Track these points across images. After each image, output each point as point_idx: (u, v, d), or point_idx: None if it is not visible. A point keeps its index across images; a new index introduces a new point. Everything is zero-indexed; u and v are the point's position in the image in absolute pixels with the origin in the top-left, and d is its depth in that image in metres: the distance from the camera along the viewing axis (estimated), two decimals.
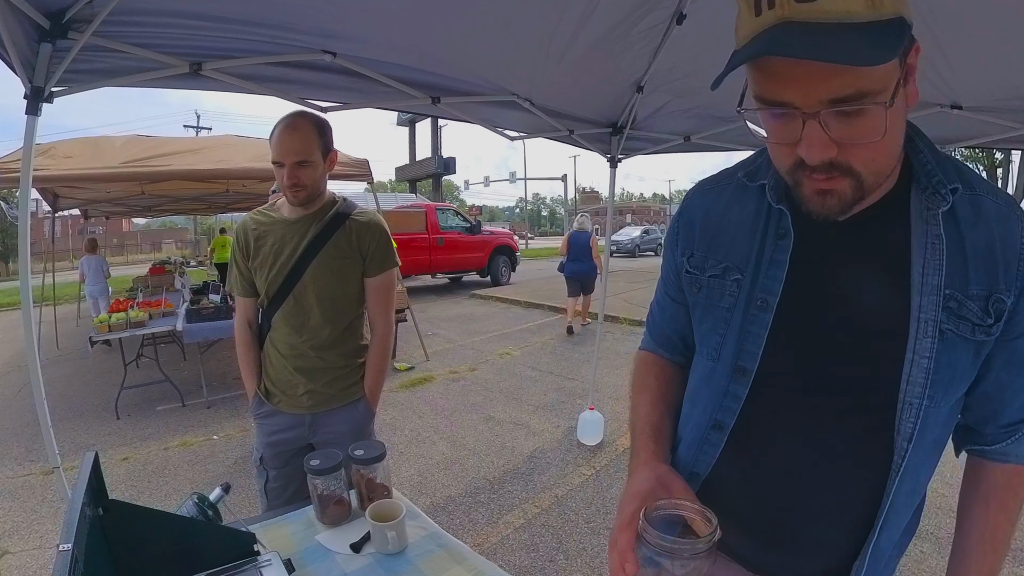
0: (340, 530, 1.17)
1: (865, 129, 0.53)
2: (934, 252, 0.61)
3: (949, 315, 0.61)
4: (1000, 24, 1.73)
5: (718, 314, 0.73)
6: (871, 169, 0.57)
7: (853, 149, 0.55)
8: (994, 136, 2.75)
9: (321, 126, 1.52)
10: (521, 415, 4.22)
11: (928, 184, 0.63)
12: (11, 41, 1.40)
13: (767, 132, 0.59)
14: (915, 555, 2.35)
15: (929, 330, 0.61)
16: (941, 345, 0.61)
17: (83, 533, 0.72)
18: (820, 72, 0.50)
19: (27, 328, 1.74)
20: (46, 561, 2.44)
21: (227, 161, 4.47)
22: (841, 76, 0.50)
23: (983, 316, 0.62)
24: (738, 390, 0.71)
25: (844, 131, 0.53)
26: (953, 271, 0.61)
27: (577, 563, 2.38)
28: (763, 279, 0.69)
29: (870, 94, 0.51)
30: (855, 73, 0.50)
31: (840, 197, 0.58)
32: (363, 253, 1.60)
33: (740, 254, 0.71)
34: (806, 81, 0.51)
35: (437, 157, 25.40)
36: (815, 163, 0.56)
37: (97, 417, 4.35)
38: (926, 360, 0.62)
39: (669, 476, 0.69)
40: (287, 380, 1.60)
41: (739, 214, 0.73)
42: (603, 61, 2.27)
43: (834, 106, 0.52)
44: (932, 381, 0.62)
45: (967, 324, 0.62)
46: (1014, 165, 9.14)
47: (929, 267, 0.62)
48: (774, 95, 0.54)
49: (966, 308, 0.61)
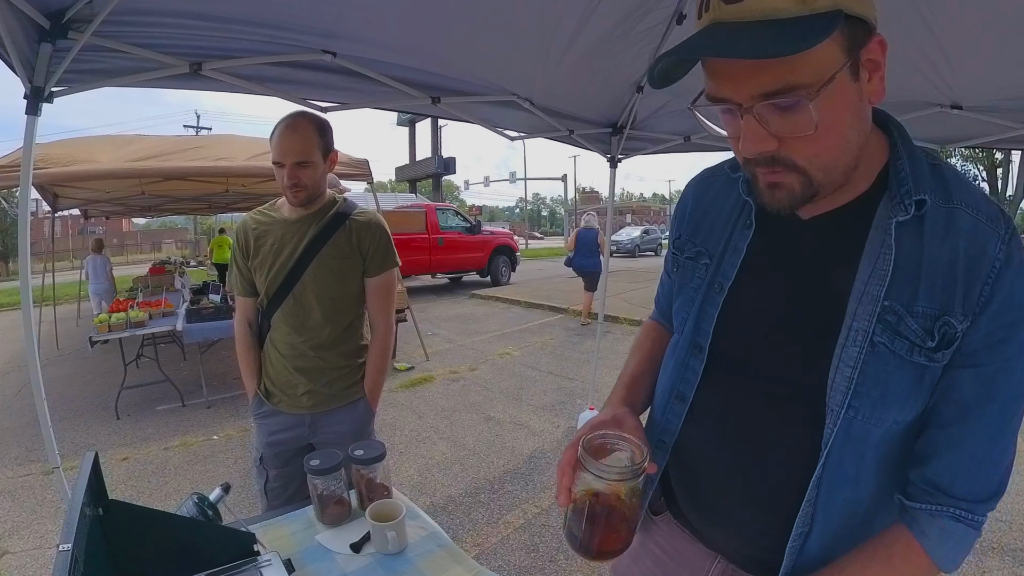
0: (340, 530, 1.17)
1: (798, 123, 0.53)
2: (882, 262, 0.59)
3: (885, 328, 0.59)
4: (1000, 24, 1.73)
5: (688, 293, 0.78)
6: (816, 165, 0.57)
7: (794, 143, 0.55)
8: (994, 136, 2.75)
9: (321, 126, 1.52)
10: (521, 415, 4.22)
11: (897, 192, 0.60)
12: (11, 41, 1.40)
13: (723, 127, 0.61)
14: None
15: (859, 339, 0.60)
16: (871, 357, 0.59)
17: (83, 533, 0.72)
18: (748, 68, 0.52)
19: (27, 328, 1.74)
20: (46, 561, 2.44)
21: (227, 160, 4.47)
22: (769, 71, 0.51)
23: (924, 337, 0.58)
24: (695, 364, 0.75)
25: (781, 125, 0.54)
26: (901, 284, 0.59)
27: (577, 563, 2.38)
28: (724, 265, 0.73)
29: (799, 87, 0.51)
30: (783, 67, 0.51)
31: (789, 191, 0.59)
32: (363, 253, 1.60)
33: (713, 241, 0.76)
34: (737, 78, 0.53)
35: (437, 157, 25.41)
36: (750, 156, 0.58)
37: (97, 417, 4.35)
38: (850, 369, 0.60)
39: (624, 415, 0.76)
40: (287, 380, 1.60)
41: (722, 204, 0.77)
42: (603, 61, 2.27)
43: (765, 100, 0.53)
44: (855, 392, 0.60)
45: (903, 342, 0.59)
46: (1014, 165, 9.14)
47: (874, 276, 0.60)
48: (715, 92, 0.57)
49: (905, 325, 0.58)
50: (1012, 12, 1.65)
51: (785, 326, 0.66)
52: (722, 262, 0.73)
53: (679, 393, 0.77)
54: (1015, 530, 2.52)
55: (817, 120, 0.53)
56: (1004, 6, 1.64)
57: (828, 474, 0.64)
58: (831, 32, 0.49)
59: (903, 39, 1.80)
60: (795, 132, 0.54)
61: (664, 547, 0.87)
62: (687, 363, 0.76)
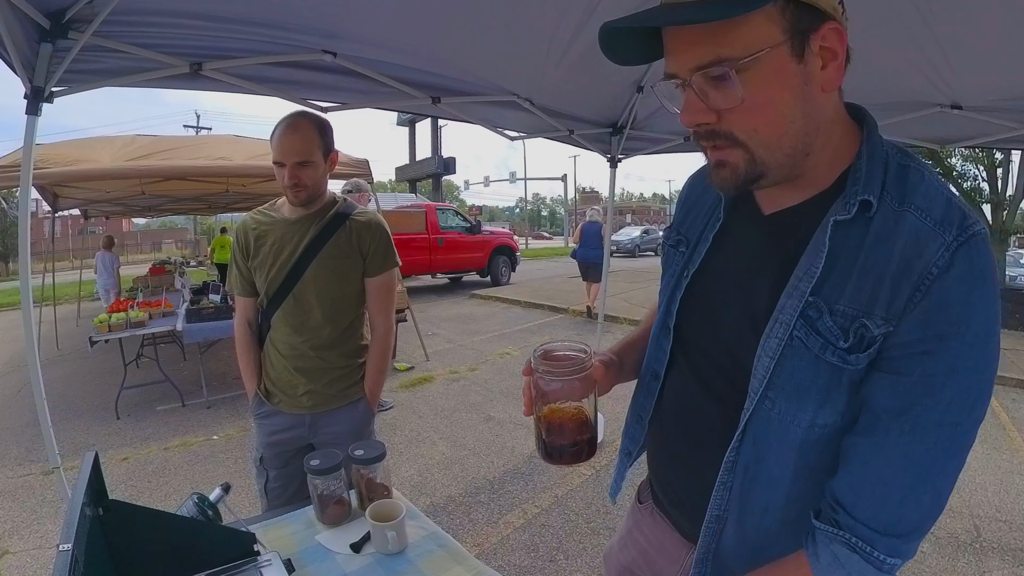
0: (340, 530, 1.17)
1: (728, 94, 0.56)
2: (815, 259, 0.59)
3: (805, 323, 0.59)
4: (1000, 24, 1.73)
5: (666, 278, 0.83)
6: (756, 140, 0.58)
7: (730, 117, 0.57)
8: (994, 136, 2.75)
9: (322, 126, 1.52)
10: (521, 415, 4.21)
11: (850, 190, 0.59)
12: (11, 41, 1.40)
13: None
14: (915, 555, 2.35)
15: (780, 332, 0.61)
16: (788, 350, 0.60)
17: (83, 533, 0.72)
18: (685, 43, 0.57)
19: (27, 328, 1.74)
20: (46, 561, 2.44)
21: (227, 160, 4.47)
22: (703, 43, 0.55)
23: (837, 336, 0.57)
24: (664, 344, 0.80)
25: (715, 98, 0.57)
26: (832, 282, 0.58)
27: (577, 563, 2.38)
28: (694, 253, 0.77)
29: (728, 59, 0.54)
30: (715, 40, 0.54)
31: (733, 169, 0.60)
32: (363, 253, 1.60)
33: (694, 231, 0.80)
34: (679, 52, 0.58)
35: (437, 157, 25.42)
36: (689, 126, 0.60)
37: (97, 417, 4.35)
38: (768, 359, 0.61)
39: (603, 354, 0.83)
40: (287, 380, 1.60)
41: (707, 197, 0.81)
42: (603, 61, 2.27)
43: (700, 71, 0.56)
44: (771, 383, 0.61)
45: (817, 339, 0.58)
46: (1014, 165, 9.14)
47: (807, 273, 0.60)
48: (666, 68, 0.61)
49: (822, 322, 0.58)
50: (1012, 12, 1.65)
51: (728, 313, 0.70)
52: (694, 251, 0.78)
53: (654, 372, 0.82)
54: (1015, 530, 2.52)
55: (743, 92, 0.55)
56: (1004, 6, 1.64)
57: (744, 461, 0.65)
58: (758, 6, 0.52)
59: (903, 39, 1.80)
60: (725, 104, 0.57)
61: (647, 536, 0.88)
62: (659, 342, 0.81)
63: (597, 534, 2.59)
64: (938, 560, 2.33)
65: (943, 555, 2.36)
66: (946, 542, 2.44)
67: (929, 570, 2.28)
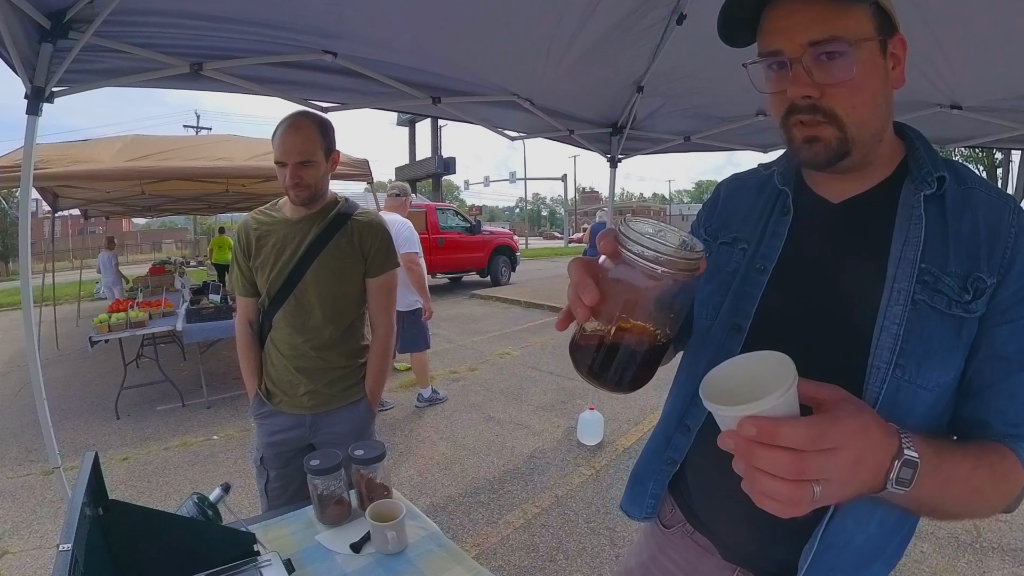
0: (340, 530, 1.17)
1: (840, 69, 0.62)
2: (914, 231, 0.65)
3: (924, 287, 0.64)
4: (1000, 24, 1.73)
5: (722, 277, 0.80)
6: (853, 118, 0.64)
7: (834, 93, 0.63)
8: (994, 136, 2.75)
9: (324, 126, 1.52)
10: (521, 415, 4.22)
11: (917, 174, 0.68)
12: (12, 41, 1.40)
13: (767, 86, 0.69)
14: (915, 555, 2.35)
15: (901, 298, 0.64)
16: (913, 314, 0.63)
17: (83, 533, 0.72)
18: (801, 23, 0.62)
19: (27, 328, 1.74)
20: (46, 561, 2.44)
21: (227, 160, 4.47)
22: (820, 24, 0.61)
23: (960, 292, 0.63)
24: (732, 346, 0.75)
25: (823, 75, 0.63)
26: (932, 250, 0.65)
27: (577, 563, 2.38)
28: (764, 248, 0.76)
29: (842, 39, 0.61)
30: (830, 22, 0.61)
31: (826, 145, 0.65)
32: (364, 253, 1.60)
33: (749, 230, 0.80)
34: (792, 30, 0.63)
35: (437, 157, 25.40)
36: (798, 99, 0.64)
37: (97, 417, 4.35)
38: (895, 326, 0.64)
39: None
40: (288, 380, 1.60)
41: (754, 200, 0.82)
42: (603, 61, 2.28)
43: (813, 48, 0.62)
44: (901, 350, 0.63)
45: (942, 297, 0.64)
46: (1014, 165, 9.17)
47: (908, 244, 0.65)
48: (767, 46, 0.66)
49: (942, 283, 0.64)
50: (1012, 12, 1.65)
51: (830, 300, 0.70)
52: (760, 246, 0.77)
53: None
54: (1015, 530, 2.52)
55: (856, 69, 0.61)
56: (1003, 7, 1.64)
57: None
58: (869, 1, 0.61)
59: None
60: (836, 79, 0.62)
61: (677, 561, 0.86)
62: (723, 346, 0.76)
63: (597, 534, 2.59)
64: (938, 560, 2.33)
65: (943, 555, 2.36)
66: (947, 542, 2.44)
67: (929, 570, 2.27)
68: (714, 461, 0.77)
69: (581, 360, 0.58)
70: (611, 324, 0.54)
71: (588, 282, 0.54)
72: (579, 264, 0.58)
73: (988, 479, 0.60)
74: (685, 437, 0.81)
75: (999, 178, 9.07)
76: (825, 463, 0.46)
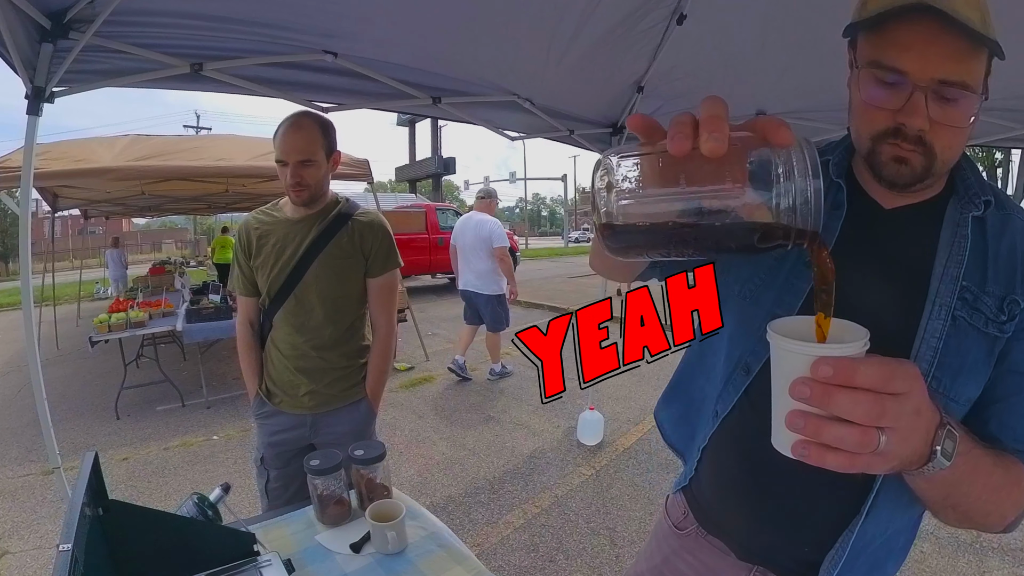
0: (340, 530, 1.17)
1: (956, 115, 0.61)
2: (958, 249, 0.67)
3: (963, 304, 0.65)
4: (999, 24, 1.73)
5: (763, 261, 0.76)
6: (945, 156, 0.64)
7: (940, 132, 0.62)
8: (994, 136, 2.75)
9: (325, 126, 1.53)
10: (521, 415, 4.22)
11: (965, 194, 0.70)
12: (12, 41, 1.40)
13: (867, 96, 0.65)
14: (915, 555, 2.35)
15: (942, 313, 0.65)
16: (952, 329, 0.65)
17: (83, 533, 0.72)
18: (940, 55, 0.59)
19: (27, 328, 1.74)
20: (46, 561, 2.44)
21: (227, 160, 4.47)
22: (955, 63, 0.59)
23: (997, 312, 0.65)
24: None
25: (939, 113, 0.61)
26: (973, 269, 0.66)
27: (577, 563, 2.38)
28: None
29: (969, 87, 0.60)
30: (964, 64, 0.59)
31: (913, 169, 0.65)
32: (365, 253, 1.60)
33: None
34: (927, 58, 0.60)
35: (437, 157, 25.42)
36: (912, 130, 0.63)
37: (97, 417, 4.35)
38: (935, 340, 0.65)
39: None
40: (289, 380, 1.60)
41: None
42: (604, 61, 2.28)
43: (941, 86, 0.60)
44: (939, 363, 0.64)
45: (980, 316, 0.65)
46: (1014, 165, 9.18)
47: (952, 261, 0.67)
48: (892, 61, 0.61)
49: (981, 302, 0.65)
50: (1012, 12, 1.65)
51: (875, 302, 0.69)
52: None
53: (745, 365, 0.76)
54: (1015, 530, 2.52)
55: (971, 119, 0.61)
56: (1003, 7, 1.64)
57: None
58: (996, 55, 0.61)
59: None
60: (952, 122, 0.61)
61: (692, 563, 0.86)
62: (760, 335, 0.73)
63: (597, 534, 2.59)
64: (939, 560, 2.33)
65: (944, 555, 2.36)
66: (947, 542, 2.44)
67: (930, 570, 2.28)
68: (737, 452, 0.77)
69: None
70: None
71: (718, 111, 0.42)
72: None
73: (1005, 479, 0.61)
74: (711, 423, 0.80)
75: (999, 178, 9.09)
76: (897, 407, 0.45)
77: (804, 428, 0.46)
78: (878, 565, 0.73)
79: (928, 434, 0.51)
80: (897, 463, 0.50)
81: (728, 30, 2.07)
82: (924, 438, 0.51)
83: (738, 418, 0.77)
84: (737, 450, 0.78)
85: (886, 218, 0.73)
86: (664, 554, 0.91)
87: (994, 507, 0.62)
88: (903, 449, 0.48)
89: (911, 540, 0.77)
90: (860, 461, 0.45)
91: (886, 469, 0.50)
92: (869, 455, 0.45)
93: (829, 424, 0.45)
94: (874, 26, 0.61)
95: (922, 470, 0.53)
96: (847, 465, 0.46)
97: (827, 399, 0.44)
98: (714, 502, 0.84)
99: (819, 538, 0.71)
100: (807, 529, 0.73)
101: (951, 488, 0.57)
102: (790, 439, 0.48)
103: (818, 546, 0.71)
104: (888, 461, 0.48)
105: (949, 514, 0.63)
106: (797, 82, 2.42)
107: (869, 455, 0.45)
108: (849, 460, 0.45)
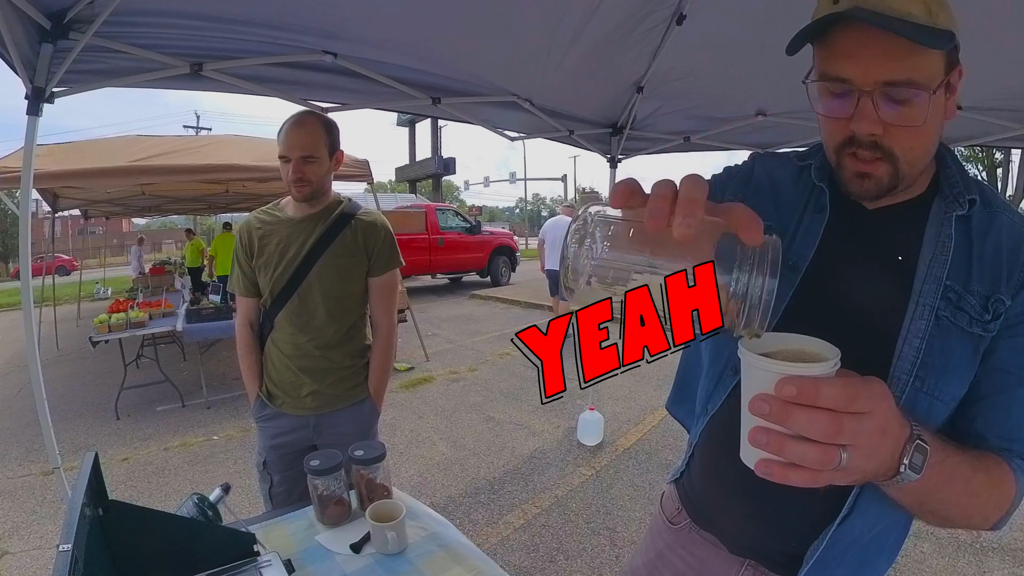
0: (340, 530, 1.17)
1: (909, 115, 0.60)
2: (942, 249, 0.66)
3: (947, 304, 0.65)
4: (999, 24, 1.73)
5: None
6: (909, 157, 0.64)
7: (896, 134, 0.62)
8: (994, 136, 2.75)
9: (328, 125, 1.55)
10: (521, 415, 4.22)
11: (950, 193, 0.69)
12: (12, 41, 1.40)
13: (823, 108, 0.66)
14: (915, 555, 2.35)
15: (925, 313, 0.65)
16: (935, 329, 0.65)
17: (83, 533, 0.72)
18: (879, 56, 0.59)
19: (27, 328, 1.74)
20: (46, 561, 2.44)
21: (227, 159, 4.46)
22: (896, 62, 0.58)
23: (981, 312, 0.65)
24: None
25: (891, 114, 0.60)
26: (958, 268, 0.66)
27: (577, 563, 2.38)
28: (797, 244, 0.75)
29: (917, 84, 0.59)
30: (908, 62, 0.58)
31: (877, 182, 0.65)
32: (368, 252, 1.60)
33: (782, 222, 0.78)
34: (866, 62, 0.59)
35: (437, 157, 25.42)
36: (863, 136, 0.62)
37: (97, 417, 4.35)
38: (918, 340, 0.65)
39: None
40: (291, 381, 1.60)
41: (789, 187, 0.80)
42: (604, 62, 2.28)
43: (886, 88, 0.59)
44: (922, 362, 0.64)
45: (964, 315, 0.65)
46: (1014, 165, 9.17)
47: (936, 261, 0.66)
48: (835, 71, 0.62)
49: (965, 301, 0.65)
50: (1011, 12, 1.65)
51: (860, 303, 0.70)
52: (793, 242, 0.75)
53: (735, 367, 0.75)
54: (1015, 530, 2.52)
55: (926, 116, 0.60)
56: (1003, 6, 1.64)
57: None
58: (950, 46, 0.58)
59: None
60: (905, 122, 0.61)
61: (685, 558, 0.87)
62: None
63: (597, 535, 2.59)
64: (939, 560, 2.33)
65: (944, 555, 2.37)
66: (947, 542, 2.44)
67: (930, 570, 2.28)
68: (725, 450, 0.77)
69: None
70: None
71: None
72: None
73: (986, 484, 0.61)
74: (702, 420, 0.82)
75: (999, 178, 9.09)
76: (857, 426, 0.45)
77: (767, 444, 0.46)
78: (868, 561, 0.73)
79: (895, 449, 0.51)
80: (861, 477, 0.51)
81: (728, 31, 2.07)
82: (891, 453, 0.51)
83: (727, 417, 0.77)
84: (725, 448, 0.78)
85: (869, 219, 0.72)
86: (658, 549, 0.92)
87: (975, 510, 0.62)
88: (868, 465, 0.49)
89: (903, 537, 0.77)
90: (823, 478, 0.46)
91: (851, 483, 0.51)
92: (831, 471, 0.46)
93: (791, 442, 0.45)
94: (815, 37, 0.62)
95: (891, 481, 0.54)
96: (810, 481, 0.46)
97: (785, 416, 0.45)
98: (705, 498, 0.85)
99: (804, 533, 0.72)
100: (792, 525, 0.73)
101: (925, 496, 0.57)
102: (755, 455, 0.48)
103: (804, 541, 0.72)
104: (851, 476, 0.49)
105: (928, 517, 0.63)
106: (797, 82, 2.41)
107: (831, 471, 0.46)
108: (812, 476, 0.46)
